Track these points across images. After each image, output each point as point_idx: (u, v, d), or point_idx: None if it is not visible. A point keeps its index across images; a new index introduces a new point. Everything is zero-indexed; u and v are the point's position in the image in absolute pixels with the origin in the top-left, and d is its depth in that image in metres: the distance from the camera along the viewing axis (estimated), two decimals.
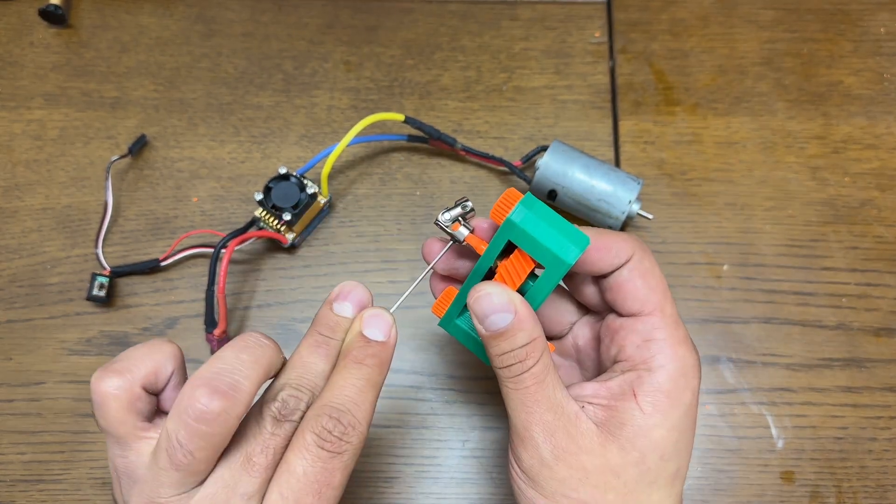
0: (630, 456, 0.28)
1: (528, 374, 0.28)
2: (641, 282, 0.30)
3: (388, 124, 0.49)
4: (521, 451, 0.29)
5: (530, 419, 0.28)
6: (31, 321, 0.45)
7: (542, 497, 0.29)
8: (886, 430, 0.43)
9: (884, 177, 0.49)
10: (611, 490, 0.28)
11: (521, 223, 0.28)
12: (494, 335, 0.28)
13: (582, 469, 0.28)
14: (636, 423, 0.28)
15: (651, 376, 0.29)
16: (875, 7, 0.54)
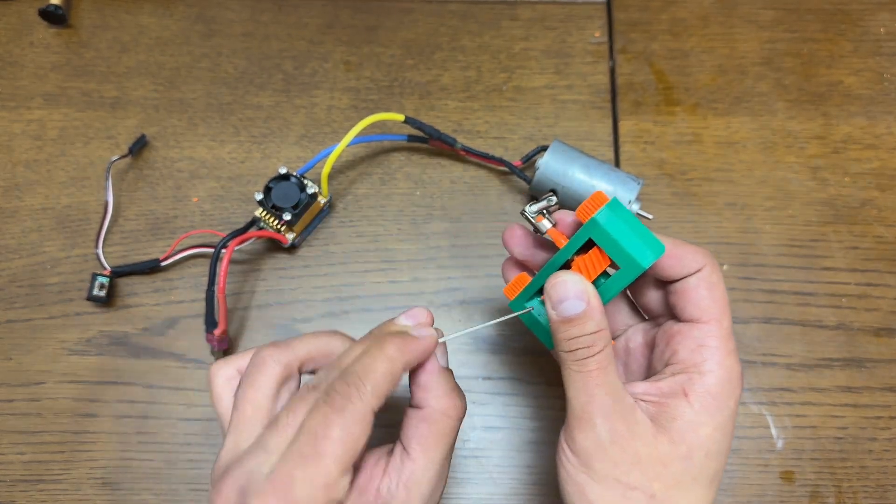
0: (679, 449, 0.30)
1: (593, 359, 0.30)
2: (706, 292, 0.31)
3: (388, 124, 0.49)
4: (577, 432, 0.30)
5: (591, 401, 0.30)
6: (31, 321, 0.45)
7: (593, 481, 0.30)
8: (886, 430, 0.43)
9: (884, 177, 0.49)
10: (658, 479, 0.29)
11: (605, 224, 0.30)
12: (565, 321, 0.30)
13: (635, 455, 0.29)
14: (686, 418, 0.30)
15: (701, 379, 0.30)
16: (875, 7, 0.54)
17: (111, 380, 0.44)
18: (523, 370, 0.44)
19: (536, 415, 0.43)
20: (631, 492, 0.29)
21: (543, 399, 0.43)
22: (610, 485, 0.29)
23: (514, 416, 0.43)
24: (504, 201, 0.48)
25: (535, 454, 0.42)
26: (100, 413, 0.43)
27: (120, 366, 0.44)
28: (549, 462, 0.42)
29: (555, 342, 0.31)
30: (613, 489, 0.29)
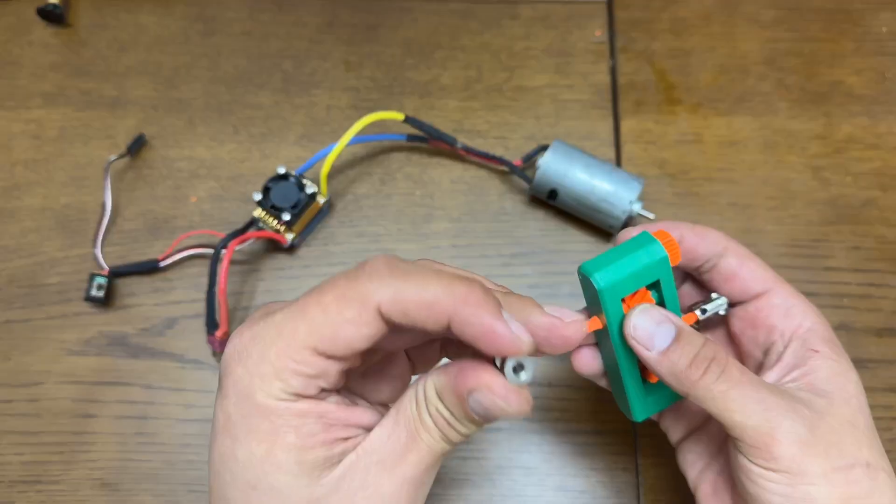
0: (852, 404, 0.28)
1: (731, 365, 0.27)
2: (752, 263, 0.31)
3: (388, 124, 0.49)
4: (775, 448, 0.26)
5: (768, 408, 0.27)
6: (30, 321, 0.45)
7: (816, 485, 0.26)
8: (888, 431, 0.43)
9: (886, 176, 0.49)
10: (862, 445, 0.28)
11: (606, 278, 0.29)
12: (669, 350, 0.28)
13: (834, 433, 0.27)
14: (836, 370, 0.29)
15: (813, 333, 0.30)
16: (877, 6, 0.54)
17: (110, 380, 0.44)
18: None
19: (537, 416, 0.43)
20: (851, 472, 0.27)
21: (543, 400, 0.43)
22: (832, 479, 0.27)
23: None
24: (504, 201, 0.48)
25: (535, 456, 0.42)
26: (99, 414, 0.43)
27: (119, 366, 0.44)
28: (550, 463, 0.42)
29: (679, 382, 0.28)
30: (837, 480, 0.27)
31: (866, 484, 0.27)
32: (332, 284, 0.24)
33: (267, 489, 0.24)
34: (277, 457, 0.24)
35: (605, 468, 0.42)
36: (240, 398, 0.24)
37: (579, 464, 0.42)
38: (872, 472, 0.27)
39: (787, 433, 0.27)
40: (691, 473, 0.33)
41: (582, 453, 0.42)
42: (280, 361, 0.24)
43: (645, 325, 0.28)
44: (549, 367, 0.44)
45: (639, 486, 0.42)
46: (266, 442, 0.24)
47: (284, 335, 0.24)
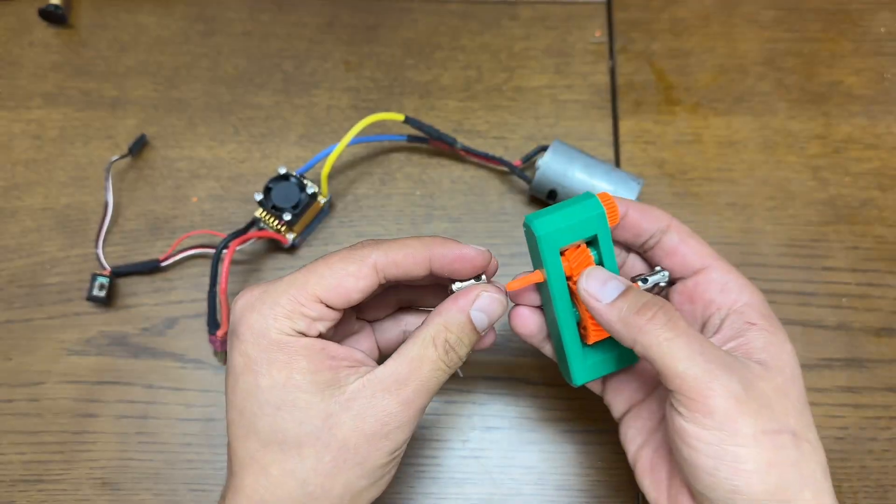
0: (785, 373, 0.29)
1: (677, 316, 0.29)
2: (693, 241, 0.33)
3: (388, 124, 0.49)
4: (712, 399, 0.27)
5: (708, 359, 0.27)
6: (31, 321, 0.45)
7: (744, 447, 0.27)
8: (887, 431, 0.43)
9: (884, 176, 0.49)
10: (789, 413, 0.28)
11: (545, 226, 0.31)
12: (618, 299, 0.30)
13: (765, 396, 0.28)
14: (772, 341, 0.30)
15: (750, 307, 0.31)
16: (876, 7, 0.54)
17: (111, 380, 0.44)
18: (523, 370, 0.44)
19: (536, 415, 0.43)
20: (779, 437, 0.28)
21: (543, 399, 0.43)
22: (761, 441, 0.27)
23: (514, 416, 0.43)
24: (504, 201, 0.48)
25: (535, 454, 0.42)
26: (99, 413, 0.43)
27: (119, 366, 0.44)
28: (549, 462, 0.42)
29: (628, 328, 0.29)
30: (765, 444, 0.27)
31: (792, 451, 0.28)
32: (334, 253, 0.30)
33: (290, 407, 0.29)
34: (295, 379, 0.29)
35: (605, 467, 0.42)
36: (256, 338, 0.29)
37: (579, 462, 0.42)
38: (798, 440, 0.28)
39: (724, 387, 0.27)
40: (631, 448, 0.34)
41: (581, 452, 0.42)
42: (290, 305, 0.29)
43: (597, 278, 0.31)
44: (547, 367, 0.44)
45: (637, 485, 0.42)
46: (285, 369, 0.29)
47: (295, 285, 0.29)
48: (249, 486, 0.29)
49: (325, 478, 0.29)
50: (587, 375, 0.34)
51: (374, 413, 0.29)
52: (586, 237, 0.31)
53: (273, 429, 0.29)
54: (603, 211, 0.31)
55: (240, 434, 0.30)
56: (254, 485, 0.29)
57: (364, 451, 0.29)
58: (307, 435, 0.29)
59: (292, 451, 0.29)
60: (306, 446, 0.29)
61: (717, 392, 0.27)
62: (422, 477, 0.42)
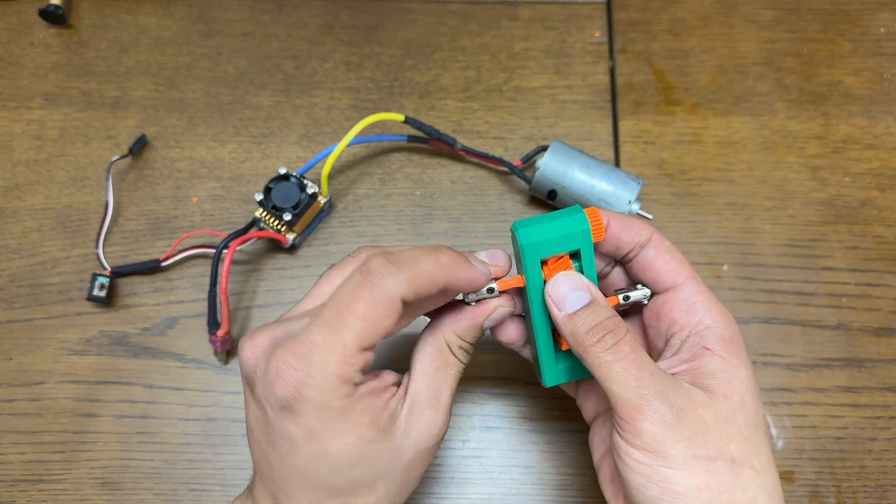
0: (733, 400, 0.30)
1: (624, 342, 0.29)
2: (669, 257, 0.33)
3: (388, 124, 0.49)
4: (640, 423, 0.28)
5: (642, 384, 0.29)
6: (31, 321, 0.45)
7: (674, 469, 0.28)
8: (886, 430, 0.43)
9: (884, 177, 0.49)
10: (731, 440, 0.29)
11: (529, 236, 0.31)
12: (576, 314, 0.30)
13: (702, 423, 0.29)
14: (722, 368, 0.30)
15: (711, 331, 0.31)
16: (875, 7, 0.54)
17: (111, 380, 0.44)
18: (523, 370, 0.44)
19: (536, 415, 0.43)
20: (713, 464, 0.28)
21: (543, 399, 0.43)
22: (692, 465, 0.28)
23: (514, 416, 0.43)
24: (504, 201, 0.48)
25: (535, 454, 0.42)
26: (100, 413, 0.43)
27: (120, 366, 0.44)
28: (549, 461, 0.42)
29: (577, 344, 0.30)
30: (696, 469, 0.28)
31: (727, 478, 0.28)
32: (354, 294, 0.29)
33: (365, 461, 0.29)
34: (365, 436, 0.29)
35: None
36: (319, 412, 0.28)
37: (578, 462, 0.42)
38: (737, 467, 0.28)
39: (654, 412, 0.28)
40: (595, 455, 0.34)
41: (581, 452, 0.42)
42: (341, 369, 0.28)
43: (563, 286, 0.31)
44: None
45: None
46: (353, 431, 0.29)
47: (337, 348, 0.28)
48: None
49: (392, 499, 0.31)
50: (558, 378, 0.34)
51: (426, 430, 0.31)
52: (569, 250, 0.32)
53: (347, 481, 0.30)
54: (588, 227, 0.32)
55: (301, 487, 0.30)
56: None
57: (421, 464, 0.31)
58: (380, 473, 0.30)
59: (365, 490, 0.30)
60: (379, 481, 0.30)
61: (647, 417, 0.28)
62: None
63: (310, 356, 0.28)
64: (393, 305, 0.29)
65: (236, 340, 0.45)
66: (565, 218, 0.32)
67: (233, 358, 0.44)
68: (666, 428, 0.28)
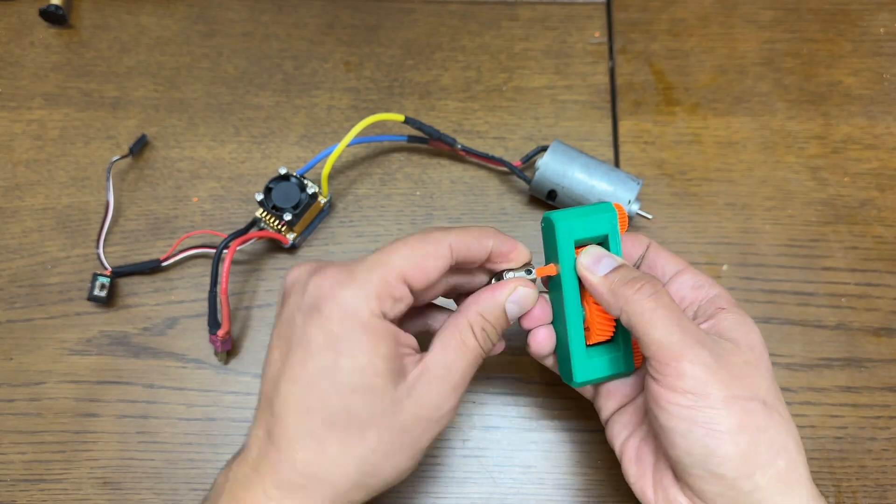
0: (755, 351, 0.32)
1: (663, 291, 0.31)
2: (667, 253, 0.36)
3: (388, 124, 0.49)
4: (685, 365, 0.29)
5: (684, 331, 0.30)
6: (32, 321, 0.45)
7: (716, 409, 0.29)
8: (886, 430, 0.43)
9: (883, 177, 0.49)
10: (759, 386, 0.31)
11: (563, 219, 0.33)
12: (610, 273, 0.32)
13: (736, 368, 0.30)
14: (741, 322, 0.32)
15: (720, 297, 0.34)
16: (875, 7, 0.54)
17: (112, 380, 0.44)
18: (523, 370, 0.44)
19: (536, 414, 0.43)
20: (749, 403, 0.30)
21: (543, 399, 0.44)
22: (732, 405, 0.29)
23: (514, 416, 0.43)
24: (504, 201, 0.48)
25: (535, 454, 0.42)
26: (100, 413, 0.43)
27: (120, 366, 0.44)
28: (549, 461, 0.42)
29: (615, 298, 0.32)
30: (736, 408, 0.29)
31: (762, 417, 0.30)
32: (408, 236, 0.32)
33: (366, 391, 0.29)
34: (375, 364, 0.29)
35: (604, 466, 0.42)
36: (346, 316, 0.29)
37: (578, 462, 0.42)
38: (769, 409, 0.30)
39: (696, 356, 0.30)
40: (617, 442, 0.35)
41: (581, 452, 0.42)
42: (380, 284, 0.30)
43: (593, 254, 0.33)
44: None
45: None
46: (368, 353, 0.29)
47: (382, 265, 0.30)
48: (302, 460, 0.30)
49: (381, 458, 0.30)
50: (588, 374, 0.35)
51: (430, 399, 0.31)
52: (600, 234, 0.34)
53: (343, 409, 0.29)
54: (615, 213, 0.34)
55: (298, 409, 0.30)
56: (307, 460, 0.30)
57: (417, 434, 0.31)
58: (374, 418, 0.30)
59: (356, 433, 0.30)
60: (371, 428, 0.30)
61: (689, 359, 0.29)
62: (422, 476, 0.42)
63: (353, 270, 0.30)
64: (442, 250, 0.31)
65: (236, 340, 0.45)
66: (595, 206, 0.34)
67: (233, 358, 0.44)
68: (706, 370, 0.29)
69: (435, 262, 0.31)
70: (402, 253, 0.31)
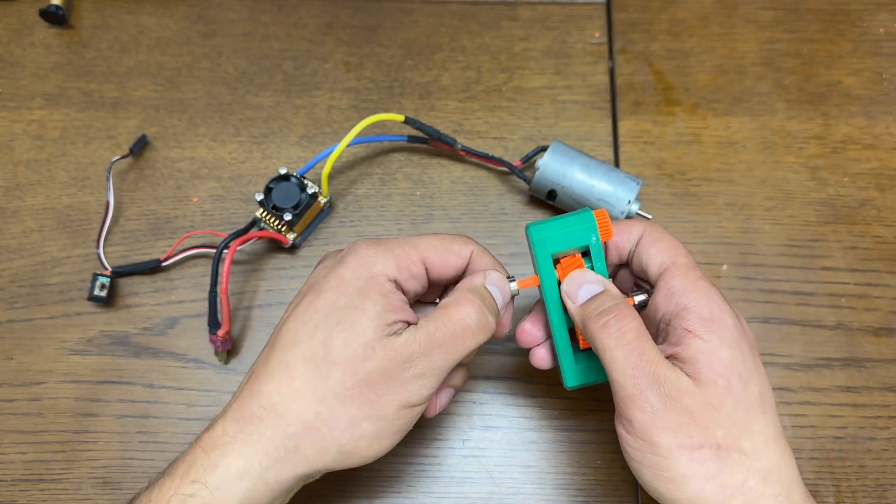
0: (718, 386, 0.30)
1: (628, 327, 0.30)
2: (654, 249, 0.34)
3: (388, 125, 0.49)
4: (633, 411, 0.30)
5: (637, 374, 0.30)
6: (32, 321, 0.45)
7: (660, 456, 0.29)
8: (885, 430, 0.43)
9: (883, 177, 0.49)
10: (718, 427, 0.30)
11: (540, 233, 0.33)
12: (586, 303, 0.32)
13: (688, 413, 0.29)
14: (703, 349, 0.30)
15: (689, 312, 0.32)
16: (874, 7, 0.54)
17: (112, 379, 0.44)
18: (523, 370, 0.44)
19: (536, 414, 0.43)
20: (697, 451, 0.29)
21: (543, 399, 0.44)
22: (677, 455, 0.29)
23: (514, 416, 0.43)
24: (504, 201, 0.48)
25: (535, 454, 0.42)
26: (101, 413, 0.43)
27: (121, 365, 0.44)
28: (549, 461, 0.42)
29: (586, 332, 0.32)
30: (682, 458, 0.29)
31: (712, 465, 0.29)
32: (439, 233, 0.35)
33: (347, 326, 0.31)
34: (367, 307, 0.31)
35: (604, 466, 0.42)
36: (359, 267, 0.32)
37: (578, 461, 0.42)
38: (723, 453, 0.29)
39: (644, 401, 0.29)
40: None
41: (581, 451, 0.42)
42: (401, 256, 0.33)
43: (575, 281, 0.33)
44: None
45: (637, 484, 0.42)
46: (367, 299, 0.32)
47: (409, 243, 0.33)
48: (268, 391, 0.31)
49: (338, 403, 0.31)
50: (579, 379, 0.35)
51: (400, 355, 0.31)
52: (579, 247, 0.33)
53: (323, 342, 0.31)
54: (594, 224, 0.33)
55: (288, 342, 0.32)
56: (273, 391, 0.31)
57: (380, 390, 0.31)
58: (344, 359, 0.31)
59: (323, 369, 0.31)
60: (337, 367, 0.31)
61: (637, 405, 0.29)
62: (422, 476, 0.42)
63: (383, 241, 0.33)
64: (464, 252, 0.34)
65: (236, 340, 0.45)
66: (574, 216, 0.33)
67: (233, 358, 0.44)
68: (653, 417, 0.29)
69: (456, 260, 0.34)
70: (431, 241, 0.34)
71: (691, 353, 0.31)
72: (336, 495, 0.42)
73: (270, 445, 0.31)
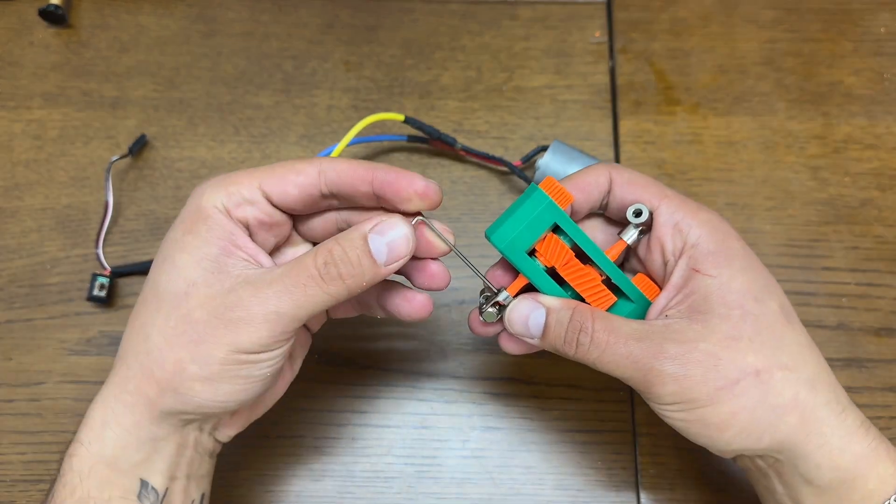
0: (733, 316, 0.29)
1: (596, 331, 0.30)
2: (633, 187, 0.32)
3: (388, 124, 0.49)
4: (655, 390, 0.29)
5: (637, 360, 0.29)
6: (31, 321, 0.45)
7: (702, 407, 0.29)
8: (886, 431, 0.43)
9: (884, 177, 0.49)
10: (747, 353, 0.29)
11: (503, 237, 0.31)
12: (544, 335, 0.31)
13: (711, 356, 0.29)
14: (712, 286, 0.30)
15: (695, 249, 0.31)
16: (876, 7, 0.54)
17: None
18: (523, 370, 0.44)
19: (536, 415, 0.43)
20: (735, 387, 0.29)
21: (543, 399, 0.43)
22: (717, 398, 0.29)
23: (514, 416, 0.43)
24: (504, 201, 0.48)
25: (535, 454, 0.42)
26: None
27: None
28: (549, 461, 0.42)
29: (565, 355, 0.31)
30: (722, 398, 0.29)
31: (755, 392, 0.29)
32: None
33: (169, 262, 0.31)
34: (187, 240, 0.30)
35: (604, 467, 0.42)
36: (191, 201, 0.32)
37: (578, 462, 0.42)
38: (764, 376, 0.29)
39: (660, 375, 0.29)
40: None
41: (581, 452, 0.42)
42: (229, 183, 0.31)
43: (518, 320, 0.32)
44: (547, 367, 0.44)
45: (637, 485, 0.42)
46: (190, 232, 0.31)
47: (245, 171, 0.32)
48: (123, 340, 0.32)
49: (164, 342, 0.29)
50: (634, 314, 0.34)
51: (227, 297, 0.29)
52: (546, 229, 0.31)
53: (154, 280, 0.31)
54: (549, 200, 0.31)
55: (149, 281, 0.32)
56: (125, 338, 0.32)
57: (202, 330, 0.29)
58: (170, 294, 0.30)
59: (152, 306, 0.30)
60: (164, 304, 0.30)
61: (657, 382, 0.29)
62: (422, 476, 0.42)
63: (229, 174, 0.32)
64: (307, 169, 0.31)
65: None
66: (526, 202, 0.31)
67: None
68: (678, 380, 0.29)
69: (296, 177, 0.31)
70: (270, 165, 0.32)
71: (702, 294, 0.30)
72: (336, 495, 0.42)
73: (117, 389, 0.31)
